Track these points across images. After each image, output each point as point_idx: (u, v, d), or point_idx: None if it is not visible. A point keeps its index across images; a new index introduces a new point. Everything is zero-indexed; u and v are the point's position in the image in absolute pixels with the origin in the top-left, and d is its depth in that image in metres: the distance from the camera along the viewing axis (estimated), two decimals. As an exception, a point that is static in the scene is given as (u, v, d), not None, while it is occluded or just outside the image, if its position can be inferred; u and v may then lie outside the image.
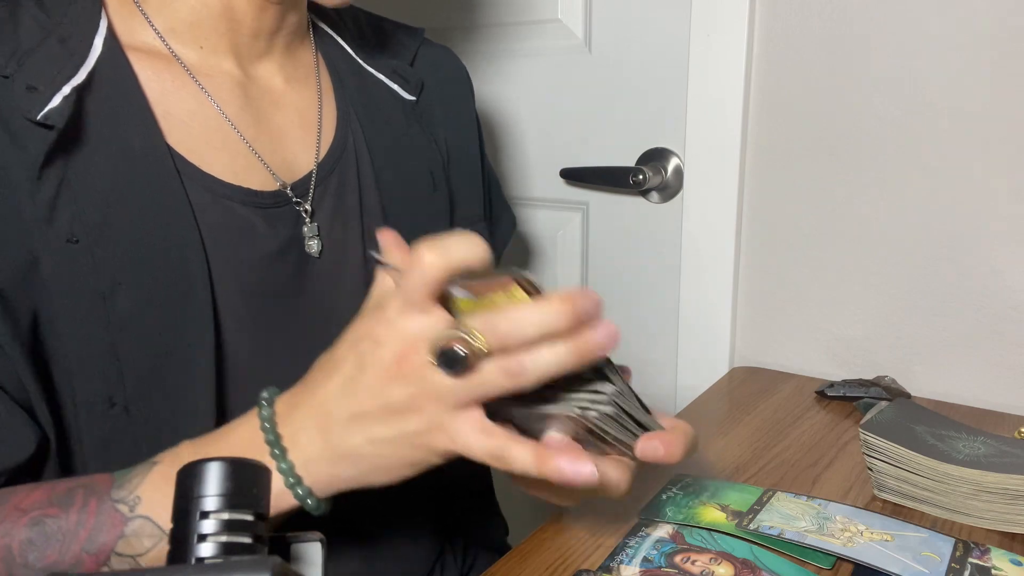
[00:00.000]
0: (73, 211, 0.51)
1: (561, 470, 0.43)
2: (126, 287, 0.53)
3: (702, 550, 0.57)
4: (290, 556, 0.30)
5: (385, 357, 0.44)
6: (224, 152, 0.59)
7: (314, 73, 0.68)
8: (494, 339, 0.41)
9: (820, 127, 0.94)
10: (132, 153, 0.54)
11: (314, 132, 0.66)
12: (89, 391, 0.52)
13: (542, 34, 1.14)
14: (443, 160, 0.74)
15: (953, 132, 0.87)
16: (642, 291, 1.13)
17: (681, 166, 1.06)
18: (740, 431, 0.81)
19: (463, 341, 0.41)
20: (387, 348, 0.44)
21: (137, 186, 0.54)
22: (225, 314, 0.57)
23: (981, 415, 0.84)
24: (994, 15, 0.83)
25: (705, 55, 0.99)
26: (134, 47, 0.57)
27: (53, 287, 0.51)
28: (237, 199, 0.58)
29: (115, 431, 0.53)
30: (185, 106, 0.58)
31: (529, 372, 0.42)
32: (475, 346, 0.41)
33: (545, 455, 0.43)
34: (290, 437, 0.47)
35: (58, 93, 0.51)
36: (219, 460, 0.27)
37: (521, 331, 0.41)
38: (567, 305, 0.41)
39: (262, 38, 0.62)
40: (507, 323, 0.41)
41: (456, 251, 0.42)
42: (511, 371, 0.42)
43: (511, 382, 0.42)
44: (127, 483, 0.47)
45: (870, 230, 0.93)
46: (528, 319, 0.41)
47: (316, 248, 0.62)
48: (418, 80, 0.74)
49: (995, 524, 0.61)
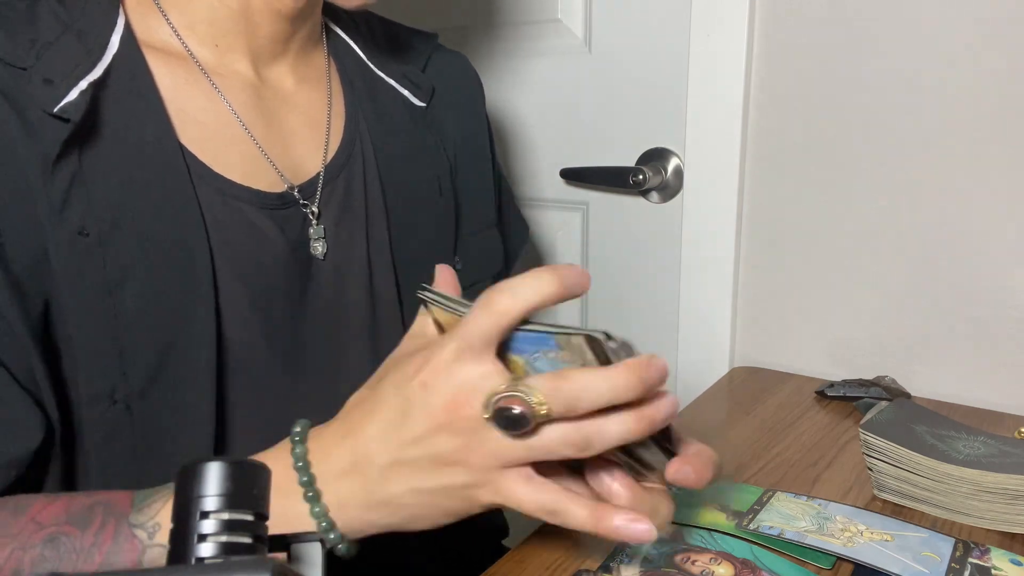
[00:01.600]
0: (85, 204, 0.51)
1: (618, 529, 0.41)
2: (132, 282, 0.53)
3: (702, 550, 0.57)
4: (290, 556, 0.30)
5: (435, 404, 0.41)
6: (234, 152, 0.59)
7: (325, 76, 0.68)
8: (557, 405, 0.39)
9: (820, 127, 0.94)
10: (145, 150, 0.54)
11: (323, 134, 0.66)
12: (92, 386, 0.52)
13: (542, 34, 1.14)
14: (451, 167, 0.74)
15: (953, 132, 0.87)
16: (642, 291, 1.13)
17: (681, 166, 1.06)
18: (740, 431, 0.81)
19: (523, 402, 0.39)
20: (438, 395, 0.41)
21: (148, 182, 0.54)
22: (229, 314, 0.57)
23: (981, 415, 0.84)
24: (995, 15, 0.83)
25: (705, 55, 0.99)
26: (150, 44, 0.58)
27: (61, 279, 0.51)
28: (245, 200, 0.58)
29: (116, 428, 0.53)
30: (197, 104, 0.59)
31: (594, 446, 0.40)
32: (537, 410, 0.39)
33: (602, 513, 0.42)
34: (325, 479, 0.45)
35: (75, 87, 0.51)
36: (219, 460, 0.27)
37: (587, 400, 0.39)
38: (635, 377, 0.39)
39: (278, 42, 0.63)
40: (573, 389, 0.39)
41: (530, 294, 0.40)
42: (575, 443, 0.40)
43: (574, 453, 0.40)
44: (147, 507, 0.45)
45: (870, 230, 0.93)
46: (595, 388, 0.39)
47: (321, 250, 0.62)
48: (429, 86, 0.74)
49: (995, 524, 0.61)
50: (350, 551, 0.46)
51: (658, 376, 0.40)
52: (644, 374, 0.39)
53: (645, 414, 0.41)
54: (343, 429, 0.46)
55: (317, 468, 0.45)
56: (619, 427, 0.40)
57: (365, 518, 0.45)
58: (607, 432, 0.40)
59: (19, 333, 0.49)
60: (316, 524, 0.44)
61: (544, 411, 0.39)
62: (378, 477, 0.44)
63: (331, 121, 0.67)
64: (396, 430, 0.43)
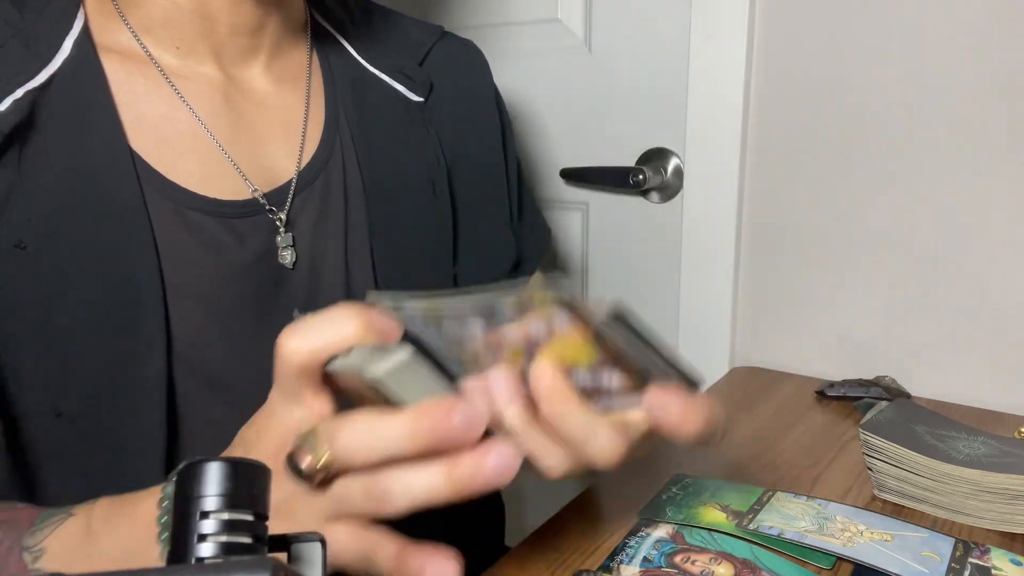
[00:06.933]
0: (22, 215, 0.50)
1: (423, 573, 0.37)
2: (71, 297, 0.51)
3: (702, 550, 0.57)
4: (290, 556, 0.30)
5: (265, 452, 0.39)
6: (194, 158, 0.57)
7: (305, 75, 0.65)
8: (336, 453, 0.36)
9: (820, 127, 0.94)
10: (89, 157, 0.53)
11: (298, 137, 0.63)
12: (34, 400, 0.51)
13: (542, 34, 1.14)
14: (447, 164, 0.71)
15: (953, 132, 0.87)
16: (642, 291, 1.13)
17: (681, 166, 1.06)
18: (740, 431, 0.81)
19: (304, 451, 0.36)
20: (266, 442, 0.40)
21: (91, 192, 0.52)
22: (183, 329, 0.55)
23: (981, 415, 0.84)
24: (995, 16, 0.83)
25: (705, 55, 0.99)
26: (109, 48, 0.56)
27: (1, 291, 0.49)
28: (199, 208, 0.56)
29: (61, 442, 0.52)
30: (156, 110, 0.57)
31: (395, 502, 0.36)
32: (319, 459, 0.35)
33: (407, 556, 0.38)
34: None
35: (9, 97, 0.50)
36: (219, 460, 0.27)
37: (365, 448, 0.35)
38: (420, 424, 0.35)
39: (242, 36, 0.60)
40: (349, 436, 0.36)
41: (325, 334, 0.37)
42: (374, 496, 0.36)
43: (374, 508, 0.37)
44: (41, 530, 0.43)
45: (870, 230, 0.93)
46: (370, 434, 0.35)
47: (290, 259, 0.60)
48: (427, 80, 0.70)
49: (995, 524, 0.61)
50: None
51: (462, 425, 0.35)
52: (436, 420, 0.35)
53: (456, 469, 0.35)
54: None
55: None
56: (425, 480, 0.35)
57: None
58: (409, 487, 0.36)
59: None
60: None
61: (324, 461, 0.36)
62: None
63: (308, 123, 0.64)
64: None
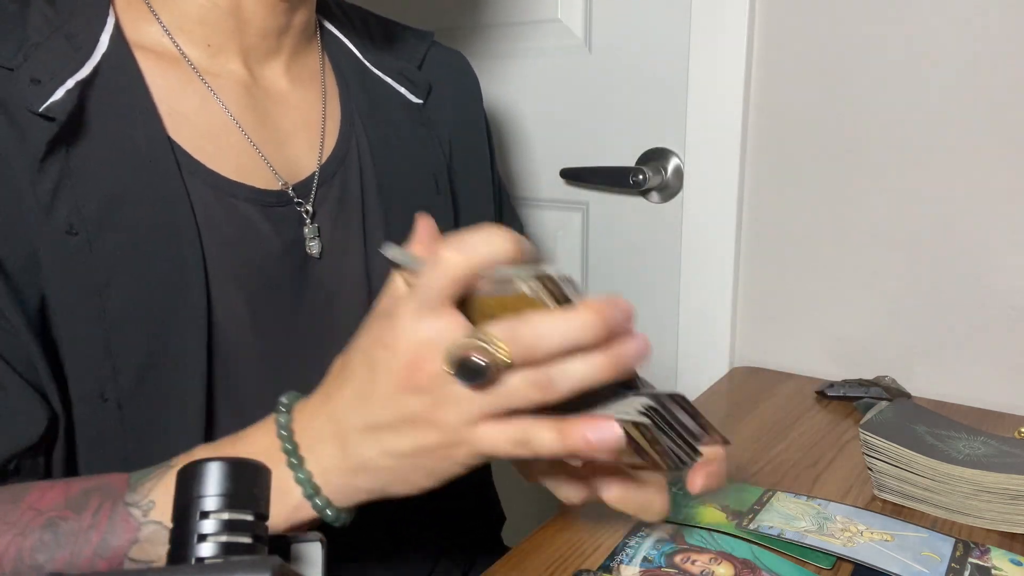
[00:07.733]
0: (73, 203, 0.51)
1: (587, 438, 0.40)
2: (121, 282, 0.53)
3: (702, 550, 0.57)
4: (290, 556, 0.30)
5: (397, 365, 0.41)
6: (229, 150, 0.59)
7: (319, 75, 0.68)
8: (517, 350, 0.38)
9: (820, 127, 0.94)
10: (134, 147, 0.54)
11: (317, 134, 0.66)
12: (83, 384, 0.52)
13: (542, 34, 1.14)
14: (448, 164, 0.74)
15: (953, 132, 0.87)
16: (642, 291, 1.13)
17: (681, 166, 1.06)
18: (740, 431, 0.81)
19: (483, 351, 0.38)
20: (399, 355, 0.41)
21: (137, 180, 0.54)
22: (222, 312, 0.57)
23: (981, 415, 0.84)
24: (995, 15, 0.83)
25: (705, 55, 0.99)
26: (141, 45, 0.58)
27: (50, 278, 0.51)
28: (240, 196, 0.58)
29: (106, 426, 0.53)
30: (191, 104, 0.59)
31: (559, 385, 0.39)
32: (497, 357, 0.38)
33: (567, 428, 0.40)
34: (308, 446, 0.45)
35: (61, 87, 0.51)
36: (219, 460, 0.27)
37: (547, 342, 0.38)
38: (597, 316, 0.38)
39: (270, 38, 0.63)
40: (532, 333, 0.38)
41: (481, 248, 0.39)
42: (539, 383, 0.39)
43: (539, 395, 0.39)
44: (141, 486, 0.45)
45: (870, 230, 0.93)
46: (555, 329, 0.38)
47: (317, 249, 0.62)
48: (426, 83, 0.73)
49: (995, 524, 0.61)
50: (341, 519, 0.46)
51: (622, 315, 0.39)
52: (605, 314, 0.38)
53: (611, 352, 0.39)
54: (322, 397, 0.46)
55: (300, 436, 0.45)
56: (584, 366, 0.39)
57: (348, 483, 0.45)
58: (571, 372, 0.39)
59: (18, 328, 0.49)
60: (302, 490, 0.45)
61: (504, 357, 0.38)
62: (354, 441, 0.44)
63: (326, 121, 0.66)
64: (366, 394, 0.43)
